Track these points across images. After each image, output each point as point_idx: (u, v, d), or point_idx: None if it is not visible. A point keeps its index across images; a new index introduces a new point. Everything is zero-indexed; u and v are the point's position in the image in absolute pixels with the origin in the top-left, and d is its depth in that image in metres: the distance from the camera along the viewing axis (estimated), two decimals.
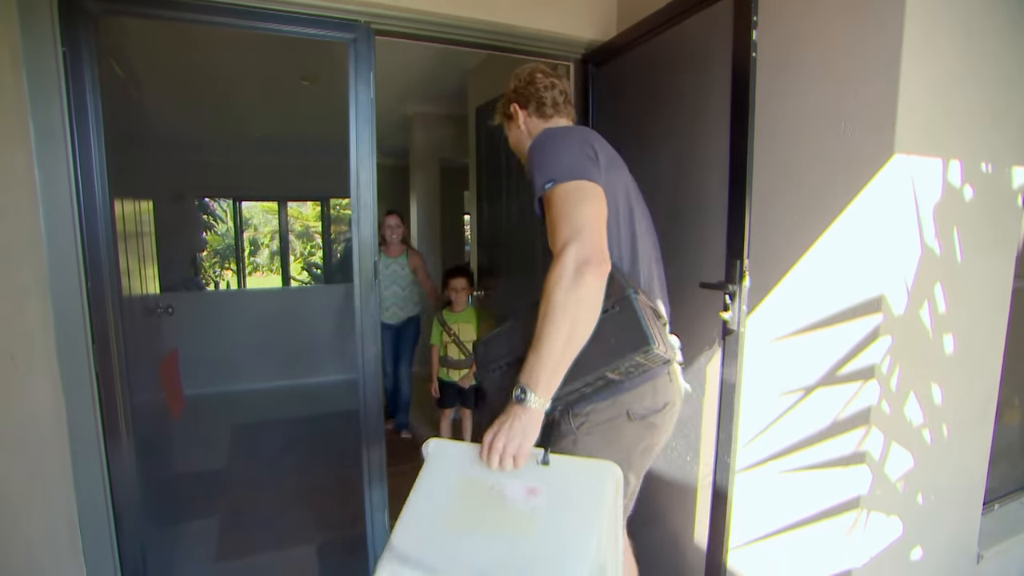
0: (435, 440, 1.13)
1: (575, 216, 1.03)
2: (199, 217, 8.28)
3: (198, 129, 5.52)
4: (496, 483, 1.01)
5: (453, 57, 3.76)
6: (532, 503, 0.97)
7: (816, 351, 1.49)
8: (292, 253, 10.85)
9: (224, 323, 5.03)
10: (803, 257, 1.51)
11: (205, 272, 8.70)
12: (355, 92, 1.88)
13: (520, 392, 1.00)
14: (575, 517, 0.95)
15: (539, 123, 1.34)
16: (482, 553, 0.93)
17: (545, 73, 1.35)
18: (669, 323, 1.30)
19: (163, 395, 2.54)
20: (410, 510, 1.02)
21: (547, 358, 0.99)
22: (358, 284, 1.96)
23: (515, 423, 1.00)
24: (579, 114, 2.35)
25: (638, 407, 1.16)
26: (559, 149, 1.13)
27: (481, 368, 1.18)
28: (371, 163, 1.92)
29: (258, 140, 6.20)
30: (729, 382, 1.59)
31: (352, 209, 1.92)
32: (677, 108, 1.87)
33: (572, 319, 0.98)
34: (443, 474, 1.06)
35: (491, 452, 1.01)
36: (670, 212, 1.91)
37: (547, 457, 1.02)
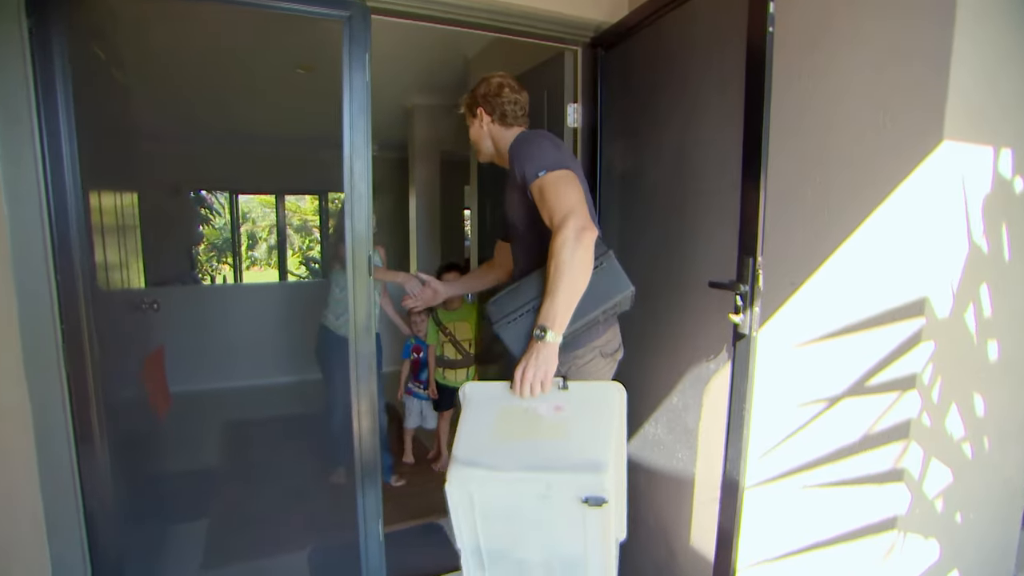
0: (470, 383, 1.41)
1: (568, 196, 1.32)
2: (196, 210, 8.15)
3: (193, 120, 5.39)
4: (529, 406, 1.29)
5: (453, 44, 3.64)
6: (561, 416, 1.27)
7: (846, 358, 1.37)
8: (290, 247, 10.72)
9: (218, 318, 4.91)
10: (834, 254, 1.38)
11: (202, 266, 8.58)
12: (349, 76, 1.75)
13: (540, 331, 1.27)
14: (595, 422, 1.26)
15: (499, 129, 1.60)
16: (529, 452, 1.22)
17: (512, 88, 1.59)
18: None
19: (147, 394, 2.42)
20: (464, 433, 1.29)
21: (561, 302, 1.26)
22: (351, 279, 1.83)
23: (540, 356, 1.27)
24: (588, 102, 2.23)
25: (607, 348, 1.50)
26: (543, 146, 1.43)
27: (496, 322, 1.39)
28: (366, 152, 1.79)
29: (255, 132, 6.07)
30: (740, 391, 1.47)
31: (346, 201, 1.80)
32: (692, 92, 1.75)
33: (577, 271, 1.26)
34: (484, 406, 1.32)
35: (523, 383, 1.28)
36: (680, 203, 1.80)
37: (566, 383, 1.32)
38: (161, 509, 2.51)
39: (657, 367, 1.89)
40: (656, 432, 1.90)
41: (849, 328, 1.37)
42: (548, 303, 1.27)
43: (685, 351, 1.77)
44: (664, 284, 1.85)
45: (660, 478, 1.90)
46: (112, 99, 2.28)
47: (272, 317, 5.01)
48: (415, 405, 3.25)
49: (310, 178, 7.09)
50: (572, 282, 1.26)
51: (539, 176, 1.36)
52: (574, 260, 1.25)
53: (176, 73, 3.76)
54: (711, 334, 1.66)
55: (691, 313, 1.74)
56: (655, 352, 1.90)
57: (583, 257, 1.26)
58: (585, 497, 1.16)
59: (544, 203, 1.34)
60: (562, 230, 1.26)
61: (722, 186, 1.60)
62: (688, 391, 1.74)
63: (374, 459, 1.94)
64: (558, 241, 1.26)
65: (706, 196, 1.69)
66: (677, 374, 1.79)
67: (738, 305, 1.41)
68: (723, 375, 1.66)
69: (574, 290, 1.27)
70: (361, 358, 1.89)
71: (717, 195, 1.64)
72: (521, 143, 1.48)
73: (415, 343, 3.21)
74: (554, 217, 1.30)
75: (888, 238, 1.26)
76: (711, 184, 1.67)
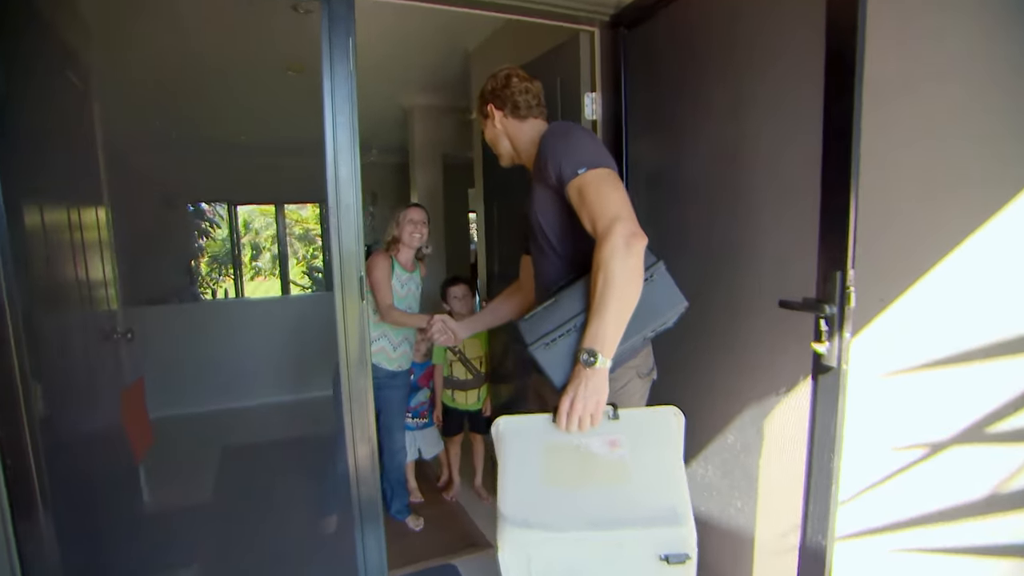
0: (503, 418, 1.18)
1: (614, 198, 1.15)
2: (194, 223, 7.93)
3: (186, 129, 5.17)
4: (580, 443, 1.11)
5: (452, 37, 3.37)
6: (618, 453, 1.09)
7: (957, 393, 1.09)
8: (294, 256, 10.48)
9: (216, 335, 4.66)
10: (942, 262, 1.09)
11: (203, 280, 8.35)
12: (330, 65, 1.48)
13: (588, 356, 1.10)
14: (659, 457, 1.08)
15: (514, 123, 1.43)
16: (589, 503, 1.03)
17: (520, 77, 1.44)
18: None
19: (125, 433, 2.16)
20: (508, 482, 1.10)
21: (611, 321, 1.10)
22: (339, 305, 1.56)
23: (589, 384, 1.10)
24: (609, 90, 1.94)
25: (643, 368, 1.34)
26: (581, 139, 1.25)
27: (532, 344, 1.20)
28: (352, 155, 1.52)
29: (248, 140, 5.83)
30: (825, 436, 1.17)
31: (331, 214, 1.53)
32: (737, 69, 1.46)
33: (629, 285, 1.10)
34: (525, 445, 1.14)
35: (571, 416, 1.11)
36: (730, 205, 1.50)
37: (617, 413, 1.14)
38: (144, 556, 2.24)
39: (706, 398, 1.60)
40: (706, 474, 1.61)
41: (962, 356, 1.08)
42: (596, 322, 1.11)
43: (743, 382, 1.48)
44: (711, 301, 1.57)
45: (712, 527, 1.61)
46: (72, 106, 2.03)
47: (271, 334, 4.75)
48: (404, 438, 2.84)
49: (307, 186, 6.86)
50: (624, 297, 1.10)
51: (578, 174, 1.18)
52: (625, 272, 1.09)
53: (157, 79, 3.53)
54: (776, 362, 1.38)
55: (750, 336, 1.45)
56: (703, 381, 1.61)
57: (635, 268, 1.10)
58: (664, 555, 1.00)
59: (584, 206, 1.17)
60: (609, 237, 1.09)
61: (786, 183, 1.32)
62: (748, 429, 1.45)
63: (374, 497, 1.67)
64: (606, 250, 1.09)
65: (763, 195, 1.40)
66: (733, 409, 1.50)
67: (821, 330, 1.12)
68: (790, 411, 1.37)
69: (626, 306, 1.11)
70: (356, 394, 1.62)
71: (780, 194, 1.35)
72: (554, 136, 1.29)
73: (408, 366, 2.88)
74: (598, 222, 1.13)
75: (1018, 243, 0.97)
76: (771, 181, 1.38)
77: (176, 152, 5.83)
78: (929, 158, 1.12)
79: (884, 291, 1.20)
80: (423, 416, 2.91)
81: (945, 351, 1.12)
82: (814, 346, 1.14)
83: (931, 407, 1.15)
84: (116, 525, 2.06)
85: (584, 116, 1.99)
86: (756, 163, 1.42)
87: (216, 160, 6.43)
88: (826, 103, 1.12)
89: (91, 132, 2.22)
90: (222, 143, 5.88)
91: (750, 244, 1.44)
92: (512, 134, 1.43)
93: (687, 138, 1.65)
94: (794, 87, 1.30)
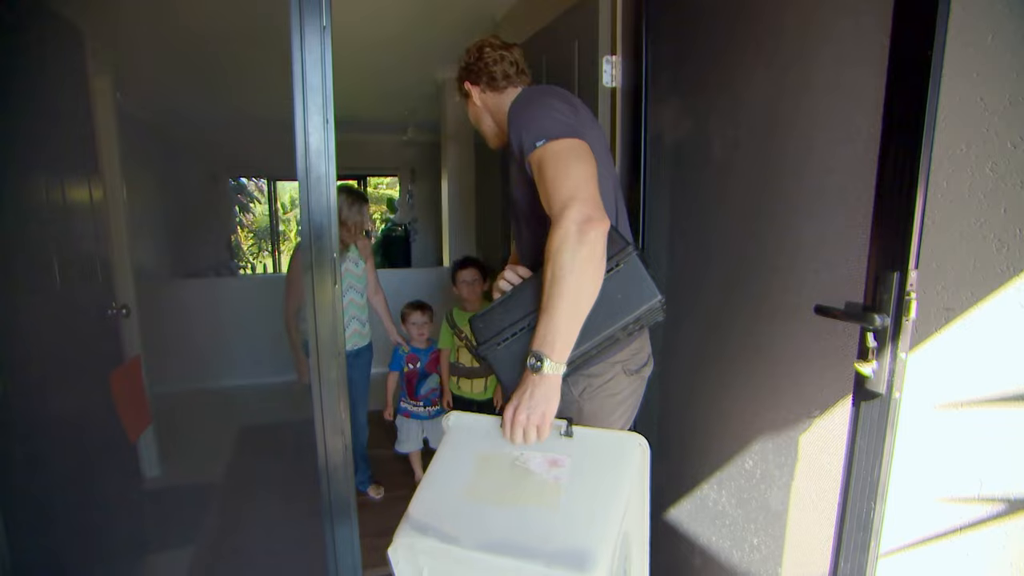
0: (456, 413, 1.13)
1: (571, 175, 1.02)
2: (234, 197, 8.07)
3: (225, 106, 5.17)
4: (519, 456, 1.01)
5: (479, 5, 3.18)
6: (555, 474, 0.98)
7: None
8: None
9: (245, 310, 4.64)
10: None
11: (243, 254, 8.53)
12: (299, 16, 1.30)
13: (535, 361, 0.99)
14: (600, 488, 0.94)
15: (493, 96, 1.33)
16: (502, 523, 0.93)
17: (493, 46, 1.34)
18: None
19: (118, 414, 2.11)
20: (429, 482, 1.03)
21: (560, 321, 0.98)
22: (311, 289, 1.41)
23: (535, 393, 0.99)
24: (630, 53, 1.70)
25: (632, 363, 1.19)
26: (548, 107, 1.11)
27: (483, 344, 1.12)
28: (325, 122, 1.35)
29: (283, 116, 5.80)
30: (866, 479, 0.93)
31: (300, 186, 1.37)
32: (784, 34, 1.19)
33: (580, 279, 0.97)
34: (464, 447, 1.06)
35: (514, 427, 1.01)
36: (765, 188, 1.25)
37: (570, 429, 1.02)
38: (139, 536, 2.21)
39: (724, 413, 1.37)
40: (720, 501, 1.38)
41: None
42: (544, 321, 0.99)
43: (768, 398, 1.24)
44: (737, 301, 1.33)
45: (723, 563, 1.38)
46: (74, 72, 1.96)
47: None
48: (412, 428, 2.75)
49: (346, 160, 6.83)
50: (575, 292, 0.97)
51: (537, 146, 1.05)
52: (575, 263, 0.95)
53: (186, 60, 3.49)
54: (810, 378, 1.13)
55: (780, 345, 1.21)
56: (720, 393, 1.38)
57: (588, 258, 0.96)
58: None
59: (543, 183, 1.04)
60: (561, 222, 0.97)
61: (833, 164, 1.06)
62: (771, 458, 1.22)
63: (346, 491, 1.54)
64: (556, 238, 0.97)
65: (804, 178, 1.15)
66: (754, 430, 1.26)
67: (868, 346, 0.87)
68: (823, 438, 1.13)
69: (578, 303, 0.98)
70: (328, 386, 1.47)
71: (824, 177, 1.10)
72: (518, 103, 1.15)
73: (411, 351, 2.71)
74: (552, 204, 1.00)
75: None
76: (815, 161, 1.12)
77: (223, 130, 5.91)
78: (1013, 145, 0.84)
79: (951, 299, 0.94)
80: (435, 404, 2.77)
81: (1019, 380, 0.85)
82: (858, 366, 0.89)
83: (1004, 452, 0.89)
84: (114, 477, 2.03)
85: (602, 82, 1.75)
86: (804, 138, 1.16)
87: (254, 136, 6.48)
88: (891, 65, 0.85)
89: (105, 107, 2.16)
90: (260, 118, 5.89)
91: (786, 235, 1.19)
92: (493, 108, 1.33)
93: (720, 110, 1.39)
94: (857, 41, 1.03)
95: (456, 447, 1.08)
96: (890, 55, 0.86)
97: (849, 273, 1.05)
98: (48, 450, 1.60)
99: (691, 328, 1.49)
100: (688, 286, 1.52)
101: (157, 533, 2.33)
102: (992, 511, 0.89)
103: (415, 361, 2.70)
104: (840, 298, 1.02)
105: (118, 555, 2.03)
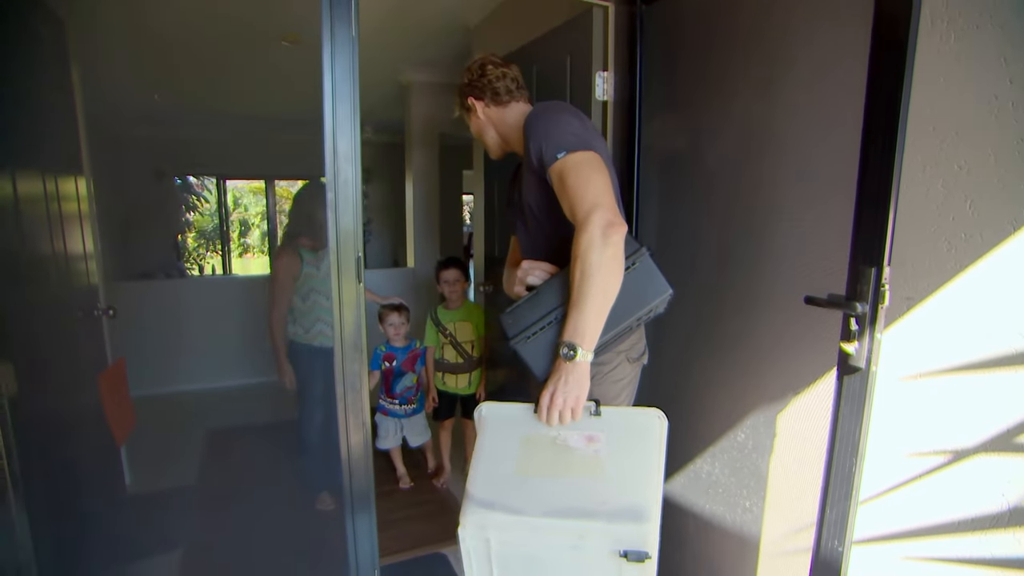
0: (487, 403, 1.22)
1: (593, 184, 1.13)
2: (182, 197, 7.73)
3: (174, 102, 4.98)
4: (559, 435, 1.12)
5: (452, 13, 3.25)
6: (595, 448, 1.09)
7: (983, 401, 1.04)
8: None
9: (200, 313, 4.51)
10: (979, 263, 1.03)
11: (190, 255, 8.17)
12: (330, 29, 1.37)
13: (568, 350, 1.10)
14: (634, 456, 1.08)
15: (497, 111, 1.43)
16: (559, 492, 1.04)
17: (495, 64, 1.43)
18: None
19: (104, 416, 2.07)
20: (481, 466, 1.11)
21: (590, 314, 1.09)
22: (336, 287, 1.48)
23: (569, 378, 1.11)
24: (622, 69, 1.85)
25: (632, 352, 1.32)
26: (564, 121, 1.22)
27: (514, 337, 1.20)
28: (352, 128, 1.43)
29: (239, 113, 5.65)
30: (848, 440, 1.12)
31: (328, 190, 1.44)
32: (770, 48, 1.38)
33: (607, 276, 1.08)
34: (504, 432, 1.15)
35: (551, 409, 1.12)
36: (744, 190, 1.44)
37: (599, 409, 1.14)
38: (128, 540, 2.17)
39: (717, 394, 1.55)
40: (713, 472, 1.57)
41: (994, 362, 1.03)
42: (575, 315, 1.10)
43: (757, 379, 1.42)
44: (726, 294, 1.51)
45: (715, 526, 1.57)
46: (48, 69, 1.90)
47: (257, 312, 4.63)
48: (390, 425, 2.83)
49: (299, 162, 6.69)
50: (603, 289, 1.09)
51: (558, 158, 1.16)
52: (602, 262, 1.07)
53: (155, 52, 3.38)
54: (792, 360, 1.32)
55: (765, 332, 1.40)
56: (714, 376, 1.56)
57: (613, 257, 1.09)
58: (624, 551, 0.99)
59: (565, 192, 1.15)
60: (587, 227, 1.08)
61: (815, 172, 1.25)
62: (761, 429, 1.40)
63: (366, 485, 1.61)
64: (583, 241, 1.08)
65: (789, 184, 1.34)
66: (745, 406, 1.45)
67: (851, 329, 1.06)
68: (804, 411, 1.32)
69: (606, 298, 1.10)
70: (350, 378, 1.54)
71: (807, 183, 1.29)
72: (536, 118, 1.26)
73: (386, 350, 2.78)
74: (577, 211, 1.11)
75: None
76: (799, 169, 1.31)
77: (165, 123, 5.66)
78: (973, 146, 1.05)
79: (911, 290, 1.15)
80: (410, 402, 2.84)
81: (973, 356, 1.06)
82: (843, 345, 1.08)
83: (954, 414, 1.10)
84: (100, 489, 1.99)
85: (594, 96, 1.90)
86: (784, 149, 1.35)
87: (204, 133, 6.25)
88: (871, 80, 1.04)
89: (70, 98, 2.10)
90: (212, 114, 5.70)
91: (771, 235, 1.38)
92: (496, 121, 1.42)
93: (708, 122, 1.57)
94: (834, 64, 1.22)
95: (497, 433, 1.17)
96: (867, 96, 1.05)
97: (824, 267, 1.24)
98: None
99: (681, 323, 1.67)
100: (677, 281, 1.69)
101: (138, 540, 2.28)
102: (945, 460, 1.10)
103: (392, 359, 2.77)
104: (814, 289, 1.21)
105: (102, 562, 1.99)
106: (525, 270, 1.33)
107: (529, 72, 2.30)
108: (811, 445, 1.30)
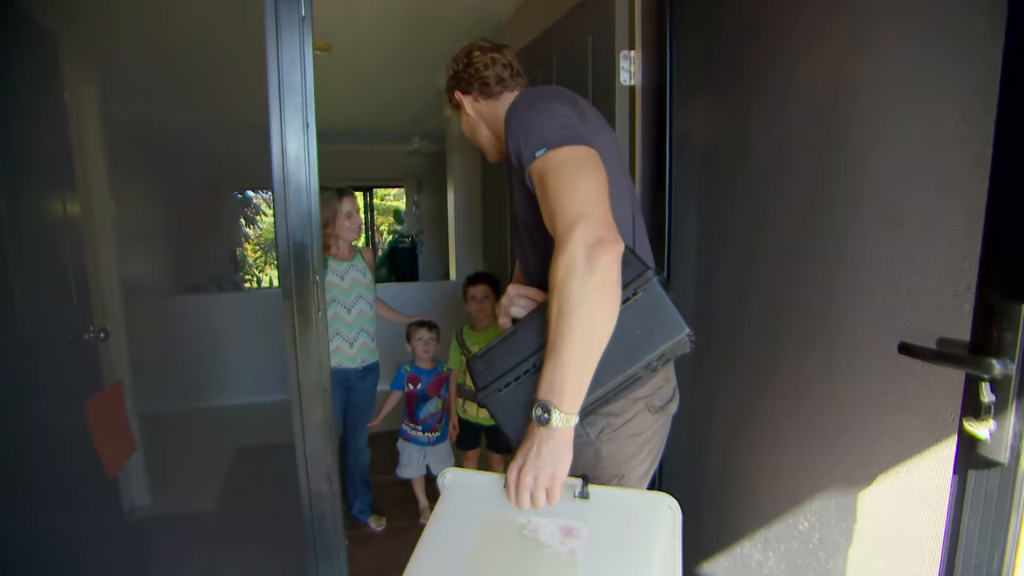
0: (453, 470, 0.99)
1: (578, 189, 0.87)
2: (239, 210, 7.96)
3: (223, 117, 5.06)
4: (528, 522, 0.87)
5: (483, 7, 3.04)
6: (570, 546, 0.83)
7: None
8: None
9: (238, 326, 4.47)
10: None
11: (247, 268, 8.40)
12: (275, 7, 1.14)
13: (542, 412, 0.85)
14: (624, 564, 0.80)
15: (488, 104, 1.21)
16: None
17: (483, 50, 1.21)
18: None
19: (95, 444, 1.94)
20: (424, 550, 0.89)
21: (569, 363, 0.83)
22: (290, 317, 1.23)
23: (542, 450, 0.85)
24: (651, 48, 1.52)
25: (656, 399, 1.03)
26: (548, 110, 0.95)
27: (483, 390, 0.97)
28: (305, 126, 1.18)
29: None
30: (982, 570, 0.72)
31: (276, 199, 1.20)
32: (834, 19, 1.01)
33: (592, 312, 0.82)
34: (464, 510, 0.92)
35: (519, 489, 0.86)
36: (811, 190, 1.07)
37: (586, 489, 0.87)
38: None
39: (771, 461, 1.17)
40: (765, 562, 1.18)
41: None
42: (551, 365, 0.84)
43: (826, 447, 1.04)
44: (784, 330, 1.13)
45: None
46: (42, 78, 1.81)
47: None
48: (412, 452, 2.57)
49: (355, 172, 6.73)
50: (586, 329, 0.82)
51: (537, 156, 0.90)
52: (585, 293, 0.81)
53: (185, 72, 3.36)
54: (880, 425, 0.93)
55: (840, 384, 1.01)
56: (767, 437, 1.18)
57: (600, 287, 0.81)
58: None
59: (544, 199, 0.89)
60: (566, 246, 0.82)
61: (913, 162, 0.87)
62: (830, 517, 1.01)
63: (333, 518, 1.36)
64: (561, 265, 0.82)
65: (883, 175, 0.96)
66: (809, 484, 1.06)
67: (982, 400, 0.68)
68: (900, 501, 0.93)
69: (590, 342, 0.83)
70: (311, 427, 1.29)
71: (902, 179, 0.90)
72: (515, 108, 1.00)
73: (411, 371, 2.52)
74: (556, 224, 0.86)
75: None
76: (900, 152, 0.93)
77: (227, 142, 5.78)
78: None
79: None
80: (434, 429, 2.58)
81: None
82: (969, 427, 0.69)
83: None
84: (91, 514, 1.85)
85: (619, 82, 1.57)
86: (867, 132, 0.97)
87: (258, 147, 6.36)
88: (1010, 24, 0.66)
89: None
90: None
91: (853, 246, 1.00)
92: (489, 117, 1.20)
93: (759, 106, 1.20)
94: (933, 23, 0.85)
95: (455, 509, 0.93)
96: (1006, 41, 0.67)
97: (928, 297, 0.85)
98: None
99: (727, 360, 1.30)
100: (723, 310, 1.33)
101: (148, 564, 2.15)
102: None
103: (416, 382, 2.52)
104: (908, 330, 0.83)
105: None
106: (510, 297, 1.03)
107: (549, 60, 2.00)
108: (908, 555, 0.90)
